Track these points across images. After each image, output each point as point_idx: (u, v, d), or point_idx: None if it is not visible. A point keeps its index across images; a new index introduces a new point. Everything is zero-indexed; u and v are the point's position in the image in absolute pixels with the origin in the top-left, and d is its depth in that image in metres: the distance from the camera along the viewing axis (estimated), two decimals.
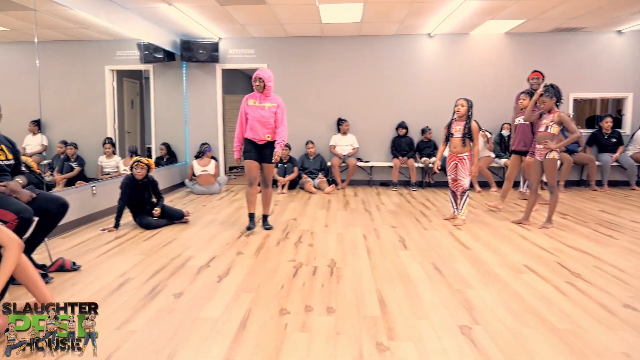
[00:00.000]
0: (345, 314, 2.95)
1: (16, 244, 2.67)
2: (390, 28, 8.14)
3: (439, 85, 8.69)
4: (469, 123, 5.36)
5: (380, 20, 7.53)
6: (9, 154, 3.57)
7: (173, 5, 6.55)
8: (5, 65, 8.38)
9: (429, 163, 8.36)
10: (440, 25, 7.88)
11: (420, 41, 8.69)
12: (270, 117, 5.02)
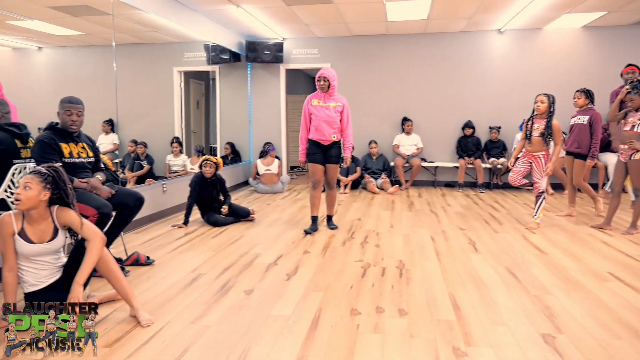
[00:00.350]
0: (418, 317, 2.87)
1: (99, 237, 2.77)
2: (458, 25, 7.92)
3: (509, 83, 8.37)
4: (550, 121, 5.05)
5: (448, 16, 7.34)
6: (89, 151, 3.72)
7: (240, 6, 6.66)
8: (82, 68, 8.83)
9: (498, 164, 8.07)
10: (511, 20, 7.58)
11: (490, 37, 8.40)
12: (336, 116, 4.94)
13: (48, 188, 2.69)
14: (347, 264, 3.95)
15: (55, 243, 2.77)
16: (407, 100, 8.71)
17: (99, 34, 7.75)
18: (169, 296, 3.21)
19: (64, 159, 3.48)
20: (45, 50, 9.00)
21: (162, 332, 2.64)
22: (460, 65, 8.49)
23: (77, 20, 6.90)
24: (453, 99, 8.56)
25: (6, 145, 3.54)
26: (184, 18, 6.59)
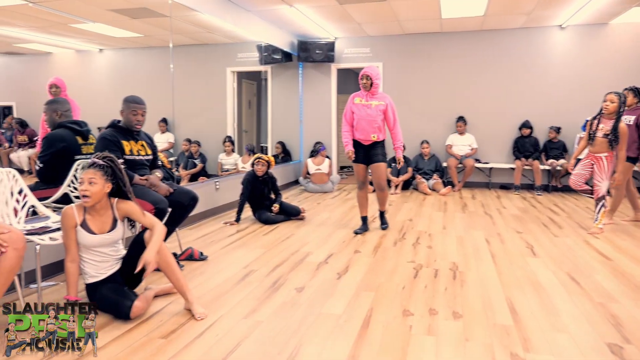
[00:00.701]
0: (473, 320, 2.77)
1: (161, 224, 2.88)
2: (516, 21, 7.66)
3: (570, 82, 8.02)
4: (618, 122, 4.70)
5: (506, 12, 7.11)
6: (148, 149, 3.83)
7: (293, 6, 6.69)
8: (140, 69, 9.14)
9: (557, 165, 7.75)
10: (574, 15, 7.26)
11: (550, 33, 8.07)
12: (377, 116, 4.76)
13: (109, 180, 2.79)
14: (398, 265, 3.89)
15: (114, 234, 2.86)
16: (461, 99, 8.51)
17: (157, 36, 7.99)
18: (221, 291, 3.25)
19: (124, 156, 3.60)
20: (106, 52, 9.37)
21: (215, 326, 2.67)
22: (518, 63, 8.21)
23: (136, 22, 7.13)
24: (510, 98, 8.29)
25: (68, 142, 3.70)
26: (238, 18, 6.69)
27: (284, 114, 9.36)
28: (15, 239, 2.41)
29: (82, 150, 3.79)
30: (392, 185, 8.01)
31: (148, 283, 3.28)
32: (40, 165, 3.70)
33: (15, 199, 3.15)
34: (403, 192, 7.92)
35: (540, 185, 7.79)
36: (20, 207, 3.16)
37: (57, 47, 9.06)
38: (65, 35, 8.15)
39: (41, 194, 3.45)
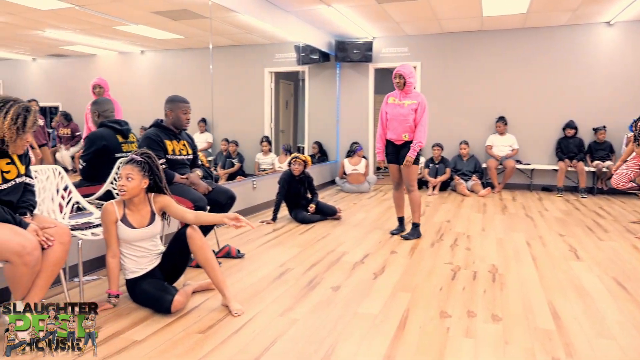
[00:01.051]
0: (513, 323, 2.70)
1: (194, 212, 3.01)
2: (560, 18, 7.44)
3: (617, 81, 7.73)
4: None
5: (550, 9, 6.91)
6: (189, 148, 3.90)
7: (331, 5, 6.69)
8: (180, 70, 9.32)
9: (603, 167, 7.48)
10: (624, 11, 6.98)
11: (597, 30, 7.80)
12: (409, 115, 4.60)
13: (146, 176, 2.85)
14: (436, 266, 3.83)
15: (153, 228, 2.92)
16: (502, 99, 8.32)
17: (196, 37, 8.13)
18: (258, 288, 3.27)
19: (167, 155, 3.67)
20: (147, 54, 9.61)
21: (252, 322, 2.69)
22: (561, 61, 7.97)
23: (177, 24, 7.27)
24: (553, 97, 8.06)
25: (109, 140, 3.80)
26: (276, 19, 6.73)
27: (321, 114, 9.37)
28: (61, 233, 2.48)
29: (123, 149, 3.89)
30: (429, 186, 7.90)
31: (186, 279, 3.33)
32: (83, 164, 3.81)
33: (61, 195, 3.26)
34: (441, 193, 7.81)
35: (585, 188, 7.54)
36: (65, 203, 3.26)
37: (100, 49, 9.35)
38: (109, 37, 8.39)
39: (84, 191, 3.56)
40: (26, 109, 2.39)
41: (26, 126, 2.38)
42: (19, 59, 9.50)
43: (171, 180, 3.58)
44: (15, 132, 2.35)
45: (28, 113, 2.39)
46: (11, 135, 2.34)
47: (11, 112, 2.33)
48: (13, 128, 2.33)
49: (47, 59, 9.68)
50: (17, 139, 2.38)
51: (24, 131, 2.38)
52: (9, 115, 2.32)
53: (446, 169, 7.99)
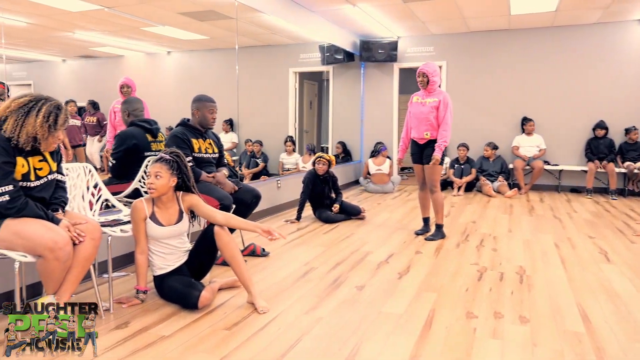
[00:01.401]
0: (541, 326, 2.66)
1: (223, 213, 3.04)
2: (591, 16, 7.28)
3: None
4: None
5: (580, 7, 6.78)
6: (215, 147, 3.94)
7: (356, 5, 6.67)
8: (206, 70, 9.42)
9: (634, 168, 7.30)
10: None
11: (629, 29, 7.61)
12: (430, 113, 4.54)
13: (175, 174, 2.89)
14: (461, 267, 3.79)
15: (180, 226, 2.96)
16: (529, 98, 8.19)
17: (222, 38, 8.21)
18: (283, 286, 3.29)
19: (193, 153, 3.72)
20: (173, 55, 9.74)
21: (277, 320, 2.70)
22: (591, 60, 7.80)
23: (203, 24, 7.36)
24: (582, 97, 7.89)
25: (139, 139, 3.87)
26: (301, 19, 6.75)
27: (345, 114, 9.36)
28: (92, 230, 2.54)
29: (152, 147, 3.95)
30: (454, 187, 7.82)
31: (212, 277, 3.37)
32: (113, 161, 3.89)
33: (91, 192, 3.32)
34: (466, 194, 7.72)
35: (615, 189, 7.36)
36: (95, 201, 3.32)
37: (128, 50, 9.52)
38: (137, 38, 8.54)
39: (113, 189, 3.62)
40: (57, 107, 2.45)
41: (57, 124, 2.43)
42: (50, 60, 9.74)
43: (198, 179, 3.62)
44: (47, 130, 2.41)
45: (59, 111, 2.45)
46: (43, 133, 2.40)
47: (43, 110, 2.38)
48: (45, 126, 2.39)
49: (76, 60, 9.89)
50: (49, 136, 2.43)
51: (55, 129, 2.44)
52: (41, 114, 2.37)
53: (472, 169, 7.90)
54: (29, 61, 9.47)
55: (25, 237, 2.33)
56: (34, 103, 2.40)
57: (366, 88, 9.27)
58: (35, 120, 2.36)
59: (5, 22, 4.82)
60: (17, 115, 2.35)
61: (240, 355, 2.30)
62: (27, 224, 2.37)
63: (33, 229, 2.35)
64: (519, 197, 7.51)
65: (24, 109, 2.37)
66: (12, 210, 2.35)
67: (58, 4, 5.96)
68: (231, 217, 3.01)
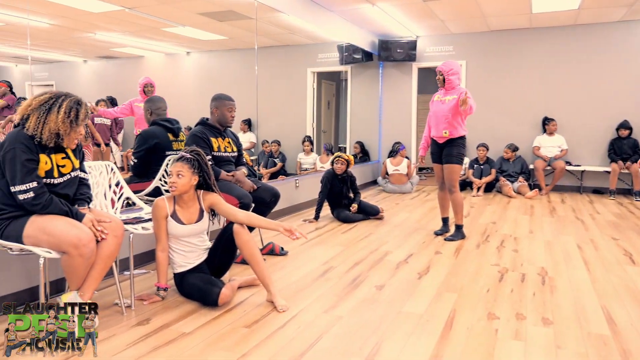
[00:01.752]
0: (564, 328, 2.61)
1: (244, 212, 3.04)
2: (615, 14, 7.15)
3: None
4: None
5: (603, 4, 6.66)
6: (234, 146, 3.96)
7: (376, 4, 6.65)
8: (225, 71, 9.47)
9: None
10: None
11: None
12: (449, 111, 4.48)
13: (196, 173, 2.91)
14: (482, 267, 3.75)
15: (201, 224, 2.98)
16: (551, 98, 8.07)
17: (240, 38, 8.25)
18: (302, 285, 3.29)
19: (212, 152, 3.74)
20: (193, 55, 9.82)
21: (296, 318, 2.70)
22: (615, 58, 7.66)
23: (222, 25, 7.40)
24: (606, 97, 7.75)
25: (161, 138, 3.90)
26: (320, 18, 6.75)
27: (363, 114, 9.34)
28: (114, 227, 2.56)
29: (173, 147, 3.98)
30: (474, 187, 7.75)
31: (231, 275, 3.38)
32: (134, 160, 3.92)
33: (113, 190, 3.36)
34: (485, 195, 7.65)
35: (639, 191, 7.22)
36: (117, 199, 3.36)
37: (148, 51, 9.62)
38: (157, 39, 8.62)
39: (134, 187, 3.66)
40: (78, 102, 2.48)
41: (79, 119, 2.47)
42: (71, 60, 9.88)
43: (217, 177, 3.63)
44: (69, 125, 2.44)
45: (80, 106, 2.48)
46: (65, 128, 2.43)
47: (64, 106, 2.42)
48: (67, 122, 2.42)
49: (97, 61, 10.02)
50: (71, 131, 2.46)
51: (77, 124, 2.47)
52: (62, 110, 2.40)
53: (491, 169, 7.81)
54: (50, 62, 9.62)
55: (50, 233, 2.36)
56: (54, 100, 2.43)
57: (384, 88, 9.23)
58: (57, 116, 2.39)
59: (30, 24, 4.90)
60: (39, 112, 2.39)
61: (260, 353, 2.30)
62: (52, 220, 2.41)
63: (58, 225, 2.39)
64: (540, 198, 7.41)
65: (45, 106, 2.41)
66: (37, 207, 2.38)
67: (80, 5, 6.04)
68: (253, 216, 3.01)
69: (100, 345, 2.37)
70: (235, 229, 2.89)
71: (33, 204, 2.37)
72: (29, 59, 6.53)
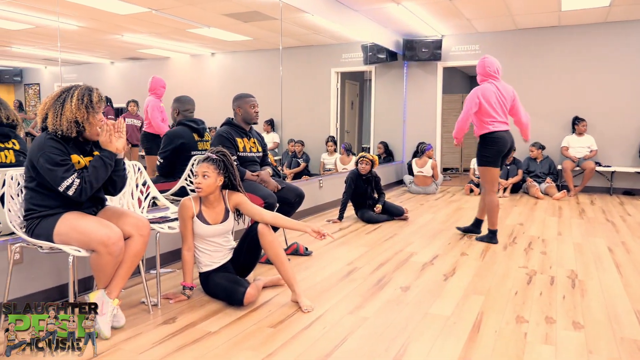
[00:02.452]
0: (596, 332, 2.55)
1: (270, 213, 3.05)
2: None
3: None
4: None
5: (635, 1, 6.48)
6: (259, 146, 3.97)
7: (401, 4, 6.60)
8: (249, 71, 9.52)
9: None
10: None
11: None
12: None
13: (222, 173, 2.92)
14: (509, 270, 3.68)
15: (227, 224, 2.99)
16: (580, 98, 7.90)
17: (265, 39, 8.29)
18: (327, 286, 3.27)
19: (238, 152, 3.75)
20: (217, 56, 9.90)
21: (322, 319, 2.69)
22: None
23: (247, 25, 7.43)
24: (637, 96, 7.55)
25: (186, 138, 3.94)
26: (344, 18, 6.72)
27: (387, 114, 9.28)
28: (141, 226, 2.59)
29: (198, 147, 4.02)
30: (500, 188, 7.63)
31: (256, 274, 3.38)
32: (161, 160, 3.96)
33: (140, 190, 3.39)
34: (512, 196, 7.52)
35: None
36: (144, 198, 3.39)
37: (174, 52, 9.74)
38: (182, 40, 8.72)
39: (160, 187, 3.69)
40: (88, 88, 2.52)
41: (93, 102, 2.48)
42: (99, 62, 10.07)
43: (242, 177, 3.65)
44: (85, 110, 2.46)
45: (91, 92, 2.51)
46: (82, 114, 2.45)
47: (76, 94, 2.45)
48: (82, 107, 2.44)
49: (124, 62, 10.19)
50: (89, 117, 2.47)
51: (92, 108, 2.48)
52: (74, 97, 2.44)
53: (518, 170, 7.68)
54: (79, 63, 9.82)
55: (80, 231, 2.40)
56: (66, 92, 2.47)
57: (409, 88, 9.16)
58: (71, 104, 2.42)
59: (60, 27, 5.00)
60: (55, 107, 2.43)
61: (286, 353, 2.29)
62: (83, 219, 2.45)
63: (89, 224, 2.42)
64: (568, 199, 7.26)
65: (59, 100, 2.45)
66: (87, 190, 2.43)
67: (108, 7, 6.14)
68: (280, 217, 3.01)
69: (126, 343, 2.40)
70: (259, 229, 2.90)
71: (82, 191, 2.41)
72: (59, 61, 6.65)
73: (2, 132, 2.97)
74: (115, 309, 2.50)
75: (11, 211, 2.52)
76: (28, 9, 5.89)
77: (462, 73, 12.81)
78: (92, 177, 2.45)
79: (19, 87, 8.39)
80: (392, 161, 9.07)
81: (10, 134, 3.01)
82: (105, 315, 2.44)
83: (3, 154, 2.95)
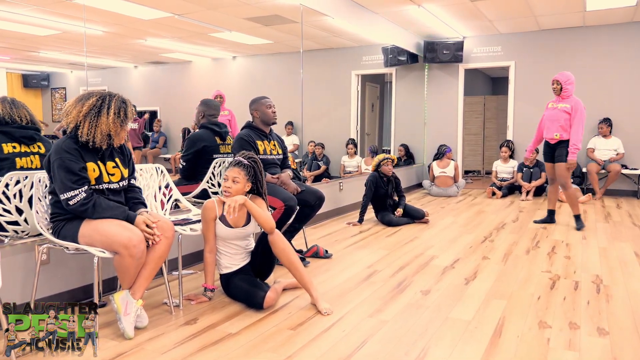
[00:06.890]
0: (622, 339, 2.50)
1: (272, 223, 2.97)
2: None
3: None
4: None
5: None
6: (279, 149, 3.99)
7: (421, 6, 6.57)
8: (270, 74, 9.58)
9: None
10: None
11: None
12: (561, 116, 5.11)
13: (250, 180, 2.95)
14: (532, 274, 3.63)
15: (248, 228, 3.01)
16: (606, 99, 7.75)
17: (285, 42, 8.33)
18: (346, 289, 3.27)
19: (258, 155, 3.77)
20: (238, 59, 9.99)
21: (341, 322, 2.69)
22: None
23: (267, 29, 7.49)
24: None
25: (208, 141, 3.98)
26: (365, 21, 6.72)
27: (408, 117, 9.24)
28: (165, 229, 2.62)
29: (220, 150, 4.06)
30: (522, 191, 7.53)
31: (276, 277, 3.40)
32: (183, 163, 4.01)
33: (162, 192, 3.44)
34: (535, 199, 7.41)
35: None
36: (167, 200, 3.44)
37: (196, 56, 9.86)
38: (204, 44, 8.82)
39: (182, 190, 3.74)
40: (123, 100, 2.58)
41: (127, 117, 2.57)
42: (122, 66, 10.24)
43: None
44: (120, 124, 2.54)
45: (126, 105, 2.58)
46: (116, 128, 2.52)
47: (112, 107, 2.51)
48: (117, 122, 2.51)
49: (147, 66, 10.35)
50: (121, 131, 2.56)
51: (126, 123, 2.58)
52: (112, 110, 2.50)
53: (541, 173, 7.57)
54: (103, 68, 10.01)
55: (103, 233, 2.44)
56: (101, 101, 2.51)
57: (429, 90, 9.10)
58: (108, 118, 2.48)
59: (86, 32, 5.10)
60: (90, 117, 2.47)
61: (305, 355, 2.30)
62: (106, 221, 2.49)
63: (111, 226, 2.47)
64: (593, 202, 7.13)
65: (95, 110, 2.49)
66: (87, 211, 2.46)
67: (132, 12, 6.25)
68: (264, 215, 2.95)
69: (149, 343, 2.43)
70: (270, 239, 2.90)
71: (82, 208, 2.45)
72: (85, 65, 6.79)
73: (27, 135, 2.95)
74: (139, 310, 2.55)
75: (39, 213, 2.58)
76: (55, 15, 6.03)
77: (484, 75, 12.69)
78: (100, 209, 2.49)
79: (46, 91, 8.57)
80: (413, 164, 9.02)
81: (35, 137, 2.99)
82: (129, 315, 2.48)
83: (29, 159, 2.96)
